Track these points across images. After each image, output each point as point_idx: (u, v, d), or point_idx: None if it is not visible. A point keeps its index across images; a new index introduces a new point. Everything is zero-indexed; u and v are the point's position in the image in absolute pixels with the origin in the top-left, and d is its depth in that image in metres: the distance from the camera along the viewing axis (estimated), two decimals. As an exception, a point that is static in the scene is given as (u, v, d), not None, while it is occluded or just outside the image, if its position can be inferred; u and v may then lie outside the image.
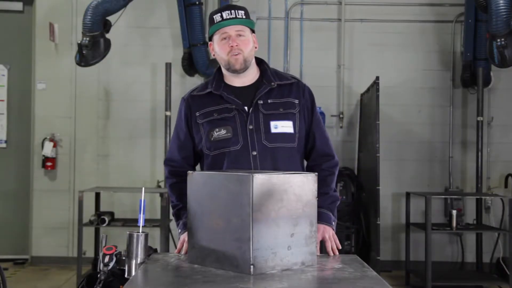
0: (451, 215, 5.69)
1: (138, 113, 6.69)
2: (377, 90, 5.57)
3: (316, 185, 2.11)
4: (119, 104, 6.72)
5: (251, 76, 2.59)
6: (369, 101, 6.06)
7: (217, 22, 2.51)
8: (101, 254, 2.07)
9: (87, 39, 5.58)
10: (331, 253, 2.43)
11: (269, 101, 2.52)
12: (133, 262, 2.07)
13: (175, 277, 1.97)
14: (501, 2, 5.02)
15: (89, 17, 5.51)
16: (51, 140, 6.58)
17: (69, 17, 6.64)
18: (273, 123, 2.49)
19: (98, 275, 2.05)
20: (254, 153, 2.47)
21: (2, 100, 6.78)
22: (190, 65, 6.42)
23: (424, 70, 6.73)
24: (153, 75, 6.70)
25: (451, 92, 6.70)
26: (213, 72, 2.67)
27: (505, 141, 6.68)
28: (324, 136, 2.63)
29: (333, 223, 2.54)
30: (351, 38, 6.75)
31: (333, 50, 6.72)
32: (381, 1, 6.73)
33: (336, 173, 2.63)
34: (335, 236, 2.50)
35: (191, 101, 2.59)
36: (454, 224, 5.65)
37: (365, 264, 2.14)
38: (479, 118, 6.14)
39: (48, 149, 6.51)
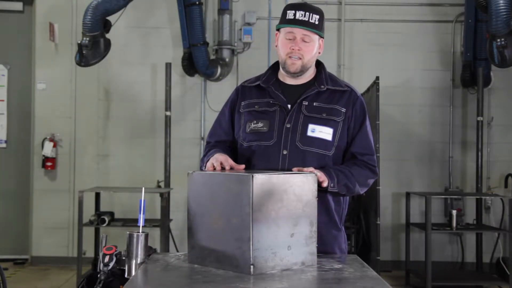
0: (451, 215, 5.69)
1: (138, 113, 6.70)
2: (377, 90, 5.56)
3: (316, 185, 2.10)
4: (119, 104, 6.72)
5: (305, 76, 2.50)
6: (369, 101, 6.05)
7: (287, 19, 2.42)
8: (101, 254, 2.07)
9: (87, 39, 5.58)
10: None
11: (314, 103, 2.44)
12: (133, 262, 2.07)
13: (175, 277, 1.97)
14: (501, 2, 5.02)
15: (89, 17, 5.51)
16: (51, 140, 6.58)
17: (69, 17, 6.65)
18: (311, 126, 2.40)
19: (98, 275, 2.05)
20: (285, 152, 2.39)
21: (2, 100, 6.78)
22: (190, 65, 6.41)
23: (424, 70, 6.72)
24: (153, 75, 6.70)
25: (451, 92, 6.70)
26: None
27: (505, 141, 6.68)
28: (370, 149, 2.48)
29: (331, 181, 2.30)
30: (351, 38, 6.75)
31: (333, 50, 6.72)
32: (381, 1, 6.73)
33: (368, 175, 2.46)
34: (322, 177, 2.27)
35: (241, 91, 2.58)
36: (454, 224, 5.65)
37: (365, 264, 2.14)
38: (479, 118, 6.14)
39: (48, 149, 6.51)
